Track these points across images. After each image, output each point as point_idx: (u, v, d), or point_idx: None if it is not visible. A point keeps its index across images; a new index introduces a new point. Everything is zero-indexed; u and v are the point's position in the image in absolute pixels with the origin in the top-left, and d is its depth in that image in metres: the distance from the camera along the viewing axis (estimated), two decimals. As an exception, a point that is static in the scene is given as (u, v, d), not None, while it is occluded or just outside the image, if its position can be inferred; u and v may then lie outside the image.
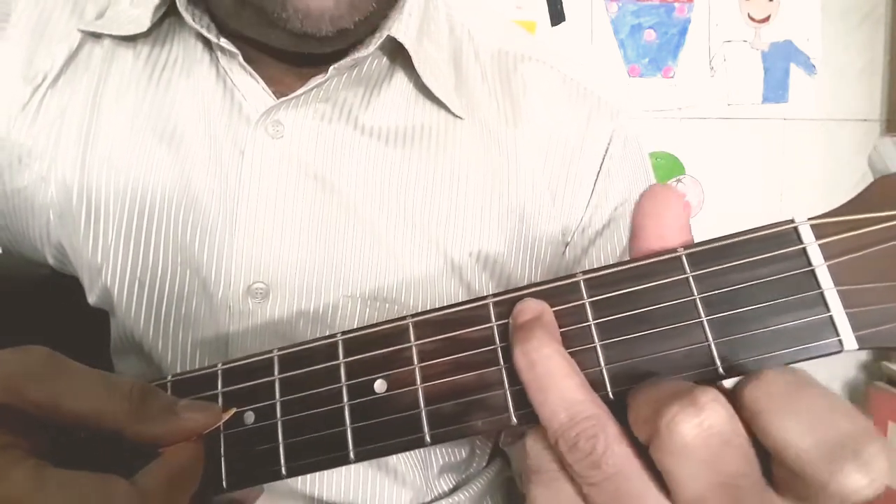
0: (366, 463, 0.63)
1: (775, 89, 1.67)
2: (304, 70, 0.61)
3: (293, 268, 0.59)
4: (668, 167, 1.65)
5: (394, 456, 0.63)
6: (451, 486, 0.70)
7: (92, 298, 0.63)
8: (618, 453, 0.28)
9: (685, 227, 0.32)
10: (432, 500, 0.68)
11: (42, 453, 0.34)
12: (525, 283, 0.64)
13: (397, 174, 0.61)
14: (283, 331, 0.60)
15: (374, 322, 0.37)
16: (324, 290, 0.60)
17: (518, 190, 0.64)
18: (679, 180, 1.66)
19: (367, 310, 0.60)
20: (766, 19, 1.65)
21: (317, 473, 0.62)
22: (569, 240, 0.66)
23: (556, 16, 1.60)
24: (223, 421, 0.39)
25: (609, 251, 0.66)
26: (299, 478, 0.62)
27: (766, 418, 0.26)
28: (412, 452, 0.65)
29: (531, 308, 0.33)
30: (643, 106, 1.64)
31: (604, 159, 0.66)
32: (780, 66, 1.67)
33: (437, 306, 0.60)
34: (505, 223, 0.63)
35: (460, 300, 0.60)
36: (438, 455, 0.67)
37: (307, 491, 0.62)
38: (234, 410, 0.39)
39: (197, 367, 0.59)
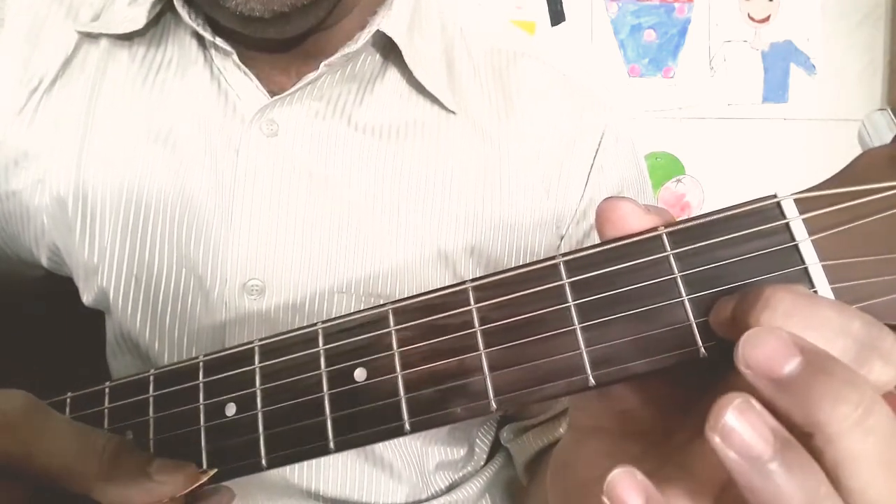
0: (361, 458, 0.64)
1: (775, 89, 1.66)
2: (297, 68, 0.61)
3: (289, 264, 0.60)
4: (668, 167, 1.64)
5: (389, 451, 0.64)
6: (447, 483, 0.70)
7: (87, 299, 0.63)
8: None
9: (641, 212, 0.31)
10: (428, 498, 0.68)
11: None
12: None
13: (391, 170, 0.62)
14: (280, 327, 0.59)
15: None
16: (319, 286, 0.60)
17: (511, 185, 0.64)
18: (679, 180, 1.65)
19: (362, 306, 0.60)
20: (766, 19, 1.64)
21: (313, 468, 0.62)
22: (563, 233, 0.67)
23: (556, 16, 1.59)
24: (200, 483, 0.38)
25: None
26: (295, 472, 0.62)
27: None
28: (408, 448, 0.66)
29: (767, 430, 0.24)
30: (643, 106, 1.63)
31: (597, 153, 0.67)
32: (780, 66, 1.66)
33: None
34: (498, 218, 0.64)
35: None
36: (435, 452, 0.68)
37: (303, 485, 0.63)
38: (213, 471, 0.38)
39: None
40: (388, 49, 0.63)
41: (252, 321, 0.60)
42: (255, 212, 0.59)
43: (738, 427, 0.24)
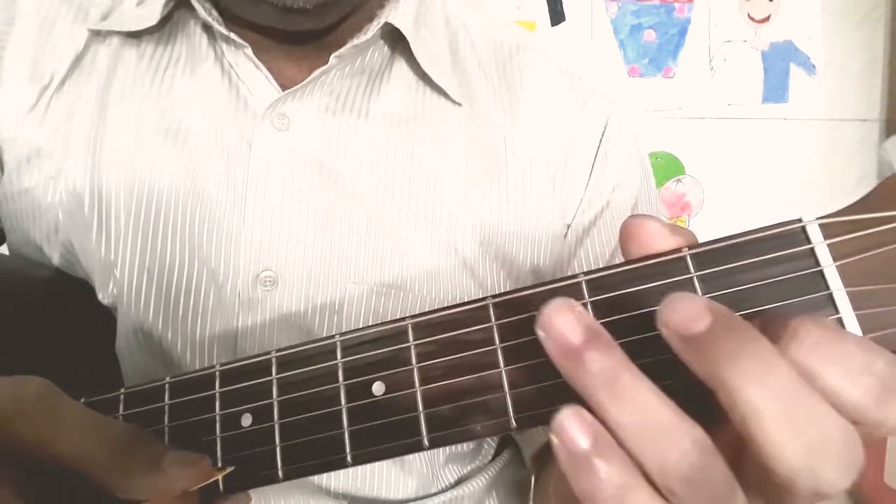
0: None
1: (775, 89, 1.67)
2: (308, 62, 0.62)
3: (301, 256, 0.60)
4: (668, 167, 1.65)
5: None
6: (456, 477, 0.70)
7: (102, 295, 0.63)
8: (718, 470, 0.27)
9: (667, 233, 0.32)
10: (437, 492, 0.68)
11: (24, 492, 0.34)
12: (527, 265, 0.65)
13: (401, 159, 0.62)
14: (292, 318, 0.60)
15: (379, 312, 0.36)
16: (331, 277, 0.61)
17: (517, 177, 0.65)
18: (679, 180, 1.65)
19: (374, 297, 0.61)
20: (766, 19, 1.65)
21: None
22: (569, 222, 0.67)
23: (556, 16, 1.60)
24: (213, 480, 0.38)
25: (607, 234, 0.68)
26: None
27: (815, 373, 0.26)
28: None
29: (582, 325, 0.28)
30: (643, 106, 1.64)
31: (600, 142, 0.68)
32: (780, 66, 1.66)
33: (441, 292, 0.61)
34: (505, 208, 0.64)
35: (464, 285, 0.60)
36: None
37: (314, 480, 0.63)
38: (229, 469, 0.38)
39: (206, 356, 0.60)
40: (395, 41, 0.64)
41: (265, 313, 0.60)
42: (268, 205, 0.60)
43: (556, 320, 0.28)
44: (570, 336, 0.27)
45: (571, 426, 0.27)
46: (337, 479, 0.63)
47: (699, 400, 0.27)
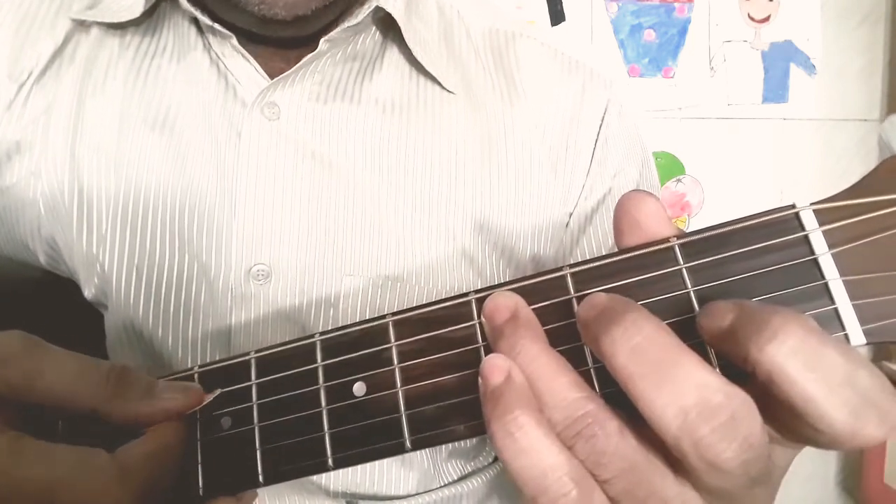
0: None
1: (775, 89, 1.66)
2: (298, 50, 0.61)
3: (294, 248, 0.59)
4: (668, 167, 1.64)
5: None
6: (458, 473, 0.69)
7: (88, 292, 0.62)
8: (621, 447, 0.28)
9: (663, 216, 0.31)
10: (438, 488, 0.67)
11: (22, 430, 0.34)
12: (528, 254, 0.64)
13: (395, 146, 0.61)
14: (287, 313, 0.59)
15: (376, 305, 0.35)
16: (326, 269, 0.59)
17: (517, 164, 0.64)
18: (679, 180, 1.64)
19: (371, 289, 0.60)
20: (766, 19, 1.64)
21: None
22: (571, 210, 0.67)
23: (556, 16, 1.59)
24: (205, 403, 0.38)
25: (610, 221, 0.67)
26: None
27: (791, 379, 0.25)
28: None
29: (505, 305, 0.32)
30: (643, 106, 1.63)
31: (601, 128, 0.67)
32: (780, 66, 1.65)
33: (440, 283, 0.59)
34: (504, 197, 0.63)
35: (463, 275, 0.59)
36: None
37: (312, 480, 0.62)
38: (217, 391, 0.38)
39: (199, 354, 0.59)
40: (387, 28, 0.63)
41: (259, 307, 0.59)
42: (259, 196, 0.58)
43: (488, 302, 0.32)
44: (498, 317, 0.32)
45: (491, 365, 0.30)
46: (336, 477, 0.62)
47: None
